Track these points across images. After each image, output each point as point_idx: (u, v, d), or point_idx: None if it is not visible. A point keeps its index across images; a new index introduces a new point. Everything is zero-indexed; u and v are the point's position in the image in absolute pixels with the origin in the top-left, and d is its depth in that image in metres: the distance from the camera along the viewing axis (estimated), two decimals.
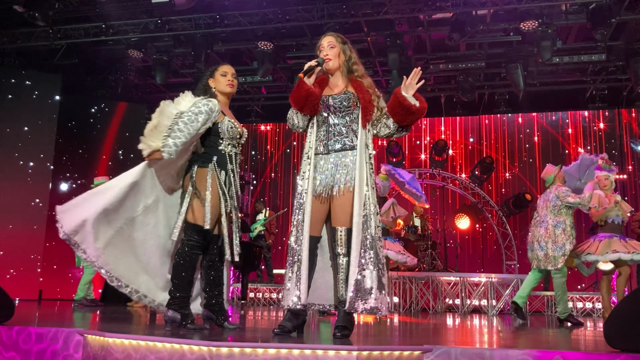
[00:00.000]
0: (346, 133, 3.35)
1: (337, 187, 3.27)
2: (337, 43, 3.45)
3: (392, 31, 10.03)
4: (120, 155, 12.03)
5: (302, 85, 3.33)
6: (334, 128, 3.38)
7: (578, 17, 9.36)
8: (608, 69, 11.21)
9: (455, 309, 9.60)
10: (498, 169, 12.46)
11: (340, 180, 3.28)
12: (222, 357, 2.50)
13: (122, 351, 2.73)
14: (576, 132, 12.27)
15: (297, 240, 3.25)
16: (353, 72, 3.45)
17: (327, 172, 3.31)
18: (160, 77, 10.88)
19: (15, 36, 10.44)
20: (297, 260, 3.23)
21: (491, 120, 12.77)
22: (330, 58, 3.42)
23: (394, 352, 2.52)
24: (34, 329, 3.14)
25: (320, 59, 3.43)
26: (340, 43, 3.46)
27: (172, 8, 8.97)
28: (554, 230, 6.42)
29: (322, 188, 3.30)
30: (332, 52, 3.43)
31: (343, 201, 3.25)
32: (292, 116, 3.44)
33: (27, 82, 10.79)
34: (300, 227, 3.26)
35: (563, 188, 6.57)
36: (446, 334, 4.15)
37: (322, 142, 3.38)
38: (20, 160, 10.45)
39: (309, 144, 3.41)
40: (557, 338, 4.03)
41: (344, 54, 3.45)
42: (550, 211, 6.54)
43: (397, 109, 3.36)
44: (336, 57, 3.44)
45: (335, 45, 3.44)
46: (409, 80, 3.32)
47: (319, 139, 3.40)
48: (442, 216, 12.20)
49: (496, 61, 11.17)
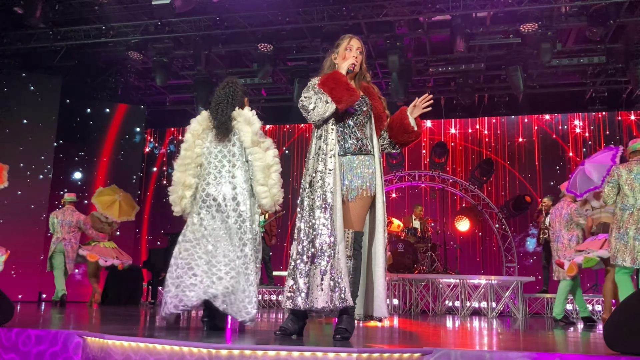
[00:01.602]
0: (361, 137, 3.36)
1: (355, 190, 3.24)
2: (363, 49, 3.50)
3: (392, 33, 10.04)
4: (120, 157, 12.04)
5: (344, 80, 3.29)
6: (349, 129, 3.37)
7: (578, 19, 9.37)
8: (608, 71, 11.22)
9: (455, 311, 9.59)
10: (498, 171, 12.46)
11: (359, 183, 3.24)
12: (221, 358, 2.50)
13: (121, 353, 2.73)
14: (576, 134, 12.27)
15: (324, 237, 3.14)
16: (364, 78, 3.52)
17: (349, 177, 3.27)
18: (160, 78, 10.88)
19: (15, 38, 10.44)
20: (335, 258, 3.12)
21: (491, 122, 12.78)
22: (356, 63, 3.43)
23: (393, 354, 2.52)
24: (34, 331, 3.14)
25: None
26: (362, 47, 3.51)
27: (172, 10, 8.98)
28: (568, 244, 6.98)
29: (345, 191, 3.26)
30: (360, 58, 3.46)
31: (358, 205, 3.23)
32: (325, 109, 3.25)
33: (27, 84, 10.80)
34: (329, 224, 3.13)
35: (573, 206, 7.00)
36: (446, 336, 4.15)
37: (339, 143, 3.34)
38: (21, 162, 10.45)
39: (331, 143, 3.29)
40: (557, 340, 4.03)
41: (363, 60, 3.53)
42: (564, 227, 7.10)
43: (396, 124, 3.49)
44: (360, 62, 3.48)
45: (363, 52, 3.49)
46: (418, 102, 3.45)
47: (336, 138, 3.33)
48: (442, 218, 12.19)
49: (496, 63, 11.17)
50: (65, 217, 8.43)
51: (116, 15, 9.97)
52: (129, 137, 12.20)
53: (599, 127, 12.14)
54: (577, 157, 12.11)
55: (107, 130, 11.94)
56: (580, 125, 12.29)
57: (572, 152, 12.19)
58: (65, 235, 8.41)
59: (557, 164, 12.26)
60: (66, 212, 8.49)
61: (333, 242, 3.09)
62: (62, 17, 9.85)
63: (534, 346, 3.25)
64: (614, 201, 5.58)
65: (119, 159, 11.99)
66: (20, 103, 10.67)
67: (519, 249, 11.90)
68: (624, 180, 5.43)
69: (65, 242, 8.36)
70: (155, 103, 13.51)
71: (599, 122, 12.17)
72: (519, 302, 9.16)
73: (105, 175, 11.78)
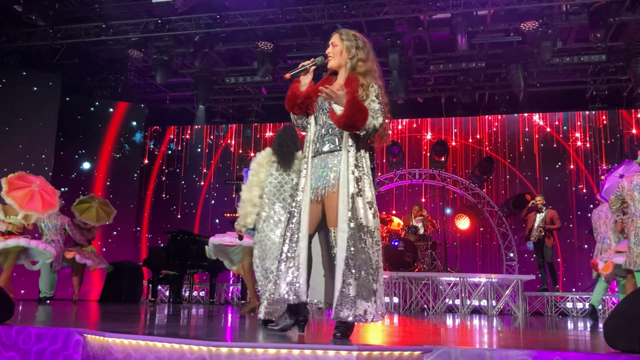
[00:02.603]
0: (331, 134, 3.28)
1: (326, 189, 3.23)
2: (340, 41, 3.37)
3: (393, 31, 10.03)
4: (120, 155, 12.04)
5: (291, 86, 3.38)
6: (321, 128, 3.33)
7: (578, 17, 9.37)
8: (608, 69, 11.22)
9: (455, 309, 9.60)
10: (498, 170, 12.46)
11: (327, 182, 3.23)
12: (221, 356, 2.50)
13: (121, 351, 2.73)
14: (576, 132, 12.26)
15: (294, 237, 3.22)
16: (356, 69, 3.34)
17: (317, 174, 3.27)
18: (160, 77, 10.88)
19: (15, 36, 10.44)
20: (293, 257, 3.19)
21: (491, 120, 12.77)
22: (331, 57, 3.38)
23: (394, 352, 2.52)
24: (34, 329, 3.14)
25: (320, 57, 3.40)
26: (345, 40, 3.37)
27: (173, 8, 8.98)
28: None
29: (315, 189, 3.26)
30: (333, 51, 3.37)
31: (331, 203, 3.21)
32: (291, 115, 3.47)
33: (28, 82, 10.80)
34: (297, 225, 3.22)
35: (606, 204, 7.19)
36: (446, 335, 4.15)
37: (314, 142, 3.34)
38: (21, 161, 10.45)
39: (306, 144, 3.37)
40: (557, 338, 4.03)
41: (347, 52, 3.35)
42: (610, 228, 7.37)
43: None
44: (338, 56, 3.36)
45: (338, 44, 3.37)
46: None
47: (312, 141, 3.35)
48: (442, 216, 12.18)
49: (496, 62, 11.17)
50: (50, 220, 8.46)
51: (116, 13, 9.97)
52: (129, 135, 12.20)
53: (600, 125, 12.12)
54: (577, 155, 12.11)
55: (107, 129, 11.94)
56: (580, 123, 12.27)
57: (572, 151, 12.18)
58: (53, 237, 8.49)
59: (557, 163, 12.25)
60: (51, 215, 8.43)
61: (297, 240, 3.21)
62: (62, 15, 9.84)
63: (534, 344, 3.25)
64: (616, 208, 6.15)
65: (119, 157, 11.99)
66: (20, 101, 10.67)
67: (519, 247, 11.89)
68: (626, 192, 5.89)
69: (55, 243, 8.44)
70: (155, 101, 13.51)
71: (600, 120, 12.15)
72: (519, 301, 9.17)
73: (105, 173, 11.78)
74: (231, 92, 13.20)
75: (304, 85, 3.39)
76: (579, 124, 12.26)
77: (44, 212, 7.53)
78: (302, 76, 3.39)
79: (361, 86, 3.24)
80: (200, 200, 13.18)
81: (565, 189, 12.04)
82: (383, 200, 12.84)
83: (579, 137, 12.22)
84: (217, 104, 13.46)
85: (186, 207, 13.53)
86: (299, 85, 3.40)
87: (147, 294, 10.16)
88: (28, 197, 7.33)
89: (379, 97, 3.26)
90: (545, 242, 9.90)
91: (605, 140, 12.01)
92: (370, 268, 3.08)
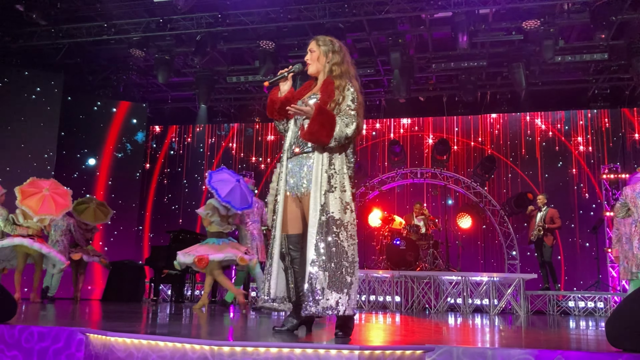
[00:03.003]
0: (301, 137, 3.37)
1: (303, 189, 3.32)
2: (316, 47, 3.48)
3: (394, 30, 10.03)
4: (122, 154, 12.05)
5: (270, 94, 3.50)
6: (298, 131, 3.39)
7: (580, 16, 9.35)
8: (610, 68, 11.20)
9: (456, 308, 9.60)
10: (500, 169, 12.45)
11: (303, 183, 3.32)
12: (224, 356, 2.51)
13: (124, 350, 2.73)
14: (578, 131, 12.25)
15: (273, 237, 3.37)
16: (332, 73, 3.42)
17: (295, 174, 3.36)
18: (162, 76, 10.89)
19: (17, 35, 10.45)
20: (269, 257, 3.37)
21: (493, 119, 12.76)
22: (309, 63, 3.49)
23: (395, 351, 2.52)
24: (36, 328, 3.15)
25: (298, 64, 3.52)
26: (322, 46, 3.47)
27: (174, 7, 8.99)
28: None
29: (293, 188, 3.36)
30: (311, 57, 3.49)
31: (306, 204, 3.30)
32: (274, 122, 3.62)
33: (30, 82, 10.81)
34: (274, 225, 3.38)
35: None
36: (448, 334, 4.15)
37: (291, 145, 3.43)
38: (23, 160, 10.47)
39: (285, 146, 3.50)
40: (559, 337, 4.03)
41: (324, 57, 3.45)
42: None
43: None
44: (315, 61, 3.47)
45: (315, 50, 3.48)
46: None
47: (289, 142, 3.45)
48: (444, 215, 12.18)
49: (498, 60, 11.16)
50: (57, 221, 8.47)
51: (118, 12, 9.99)
52: (131, 134, 12.22)
53: (602, 124, 12.11)
54: (579, 154, 12.09)
55: (109, 128, 11.96)
56: (582, 122, 12.25)
57: (574, 149, 12.17)
58: (58, 238, 8.59)
59: (559, 161, 12.24)
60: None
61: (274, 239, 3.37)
62: (64, 14, 9.86)
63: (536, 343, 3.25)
64: (622, 216, 6.48)
65: (121, 156, 12.00)
66: (22, 101, 10.69)
67: (521, 246, 11.88)
68: (629, 199, 6.13)
69: (59, 244, 8.51)
70: (157, 100, 13.53)
71: (602, 119, 12.14)
72: (520, 300, 9.17)
73: (107, 172, 11.80)
74: (233, 92, 13.21)
75: (283, 92, 3.49)
76: (581, 122, 12.25)
77: (58, 213, 7.78)
78: (281, 83, 3.49)
79: (337, 88, 3.33)
80: (202, 199, 13.19)
81: (567, 187, 12.03)
82: (385, 199, 12.85)
83: (580, 136, 12.20)
84: (219, 103, 13.48)
85: (188, 206, 13.55)
86: (278, 92, 3.50)
87: (149, 293, 10.17)
88: (41, 203, 7.62)
89: (355, 102, 3.33)
90: (545, 241, 9.89)
91: (607, 138, 12.00)
92: (345, 261, 3.15)
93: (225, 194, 6.69)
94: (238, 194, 6.84)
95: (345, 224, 3.20)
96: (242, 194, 6.90)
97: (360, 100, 3.39)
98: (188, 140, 14.00)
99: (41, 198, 7.69)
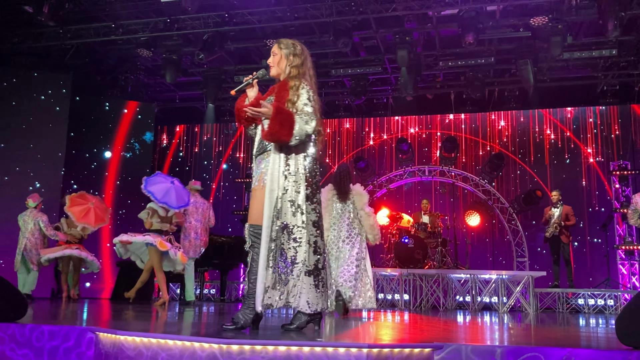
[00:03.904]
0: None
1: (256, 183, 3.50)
2: (278, 50, 3.57)
3: (401, 28, 10.01)
4: (131, 154, 12.10)
5: (236, 102, 3.62)
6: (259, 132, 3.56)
7: (588, 12, 9.28)
8: (619, 64, 11.11)
9: (465, 306, 9.58)
10: (508, 166, 12.39)
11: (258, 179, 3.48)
12: (232, 354, 2.52)
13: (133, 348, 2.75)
14: (587, 128, 12.17)
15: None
16: (290, 74, 3.54)
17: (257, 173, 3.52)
18: (169, 76, 10.93)
19: (25, 36, 10.51)
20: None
21: (501, 116, 12.71)
22: (272, 66, 3.60)
23: (404, 349, 2.52)
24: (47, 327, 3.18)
25: (261, 70, 3.63)
26: (284, 49, 3.56)
27: (181, 7, 9.01)
28: None
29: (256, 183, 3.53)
30: (273, 60, 3.59)
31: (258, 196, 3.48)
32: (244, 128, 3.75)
33: (38, 82, 10.88)
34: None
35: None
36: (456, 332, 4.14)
37: (256, 145, 3.59)
38: (32, 160, 10.54)
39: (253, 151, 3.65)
40: (568, 335, 4.01)
41: (286, 59, 3.55)
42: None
43: None
44: (277, 65, 3.58)
45: (277, 53, 3.57)
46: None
47: (256, 143, 3.61)
48: (452, 213, 12.15)
49: (506, 57, 11.11)
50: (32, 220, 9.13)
51: (125, 13, 10.03)
52: (140, 134, 12.26)
53: (611, 120, 12.02)
54: (588, 151, 12.02)
55: (118, 128, 12.01)
56: (592, 119, 12.17)
57: (582, 146, 12.09)
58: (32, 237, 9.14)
59: (568, 158, 12.17)
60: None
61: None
62: (72, 15, 9.91)
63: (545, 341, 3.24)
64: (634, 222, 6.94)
65: (129, 156, 12.05)
66: (31, 101, 10.76)
67: (530, 244, 11.84)
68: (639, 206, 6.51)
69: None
70: (165, 100, 13.57)
71: (611, 115, 12.05)
72: (530, 297, 9.13)
73: (115, 172, 11.85)
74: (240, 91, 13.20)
75: (251, 98, 3.58)
76: (590, 120, 12.17)
77: (95, 225, 8.96)
78: (248, 90, 3.60)
79: (291, 88, 3.44)
80: (210, 199, 13.23)
81: (576, 185, 11.96)
82: (393, 197, 12.83)
83: (589, 133, 12.12)
84: (226, 102, 13.49)
85: None
86: (246, 99, 3.61)
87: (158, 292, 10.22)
88: (84, 212, 8.77)
89: (311, 100, 3.43)
90: (562, 240, 9.83)
91: (616, 135, 11.91)
92: (286, 262, 3.31)
93: (161, 197, 7.37)
94: (174, 194, 7.48)
95: (291, 228, 3.33)
96: (178, 194, 7.55)
97: (317, 99, 3.51)
98: (196, 139, 14.03)
99: (85, 209, 8.80)
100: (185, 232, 8.51)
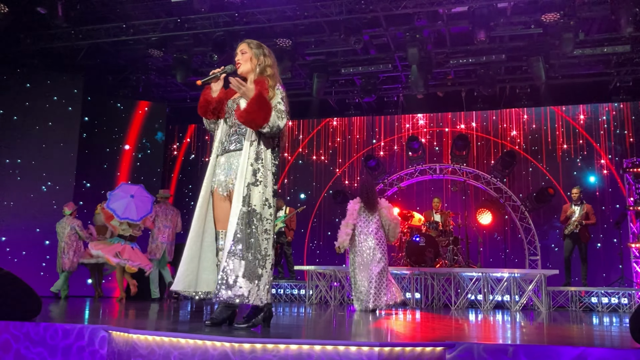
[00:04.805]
0: (238, 134, 3.54)
1: (229, 187, 3.50)
2: (249, 49, 3.66)
3: (411, 25, 9.98)
4: (143, 154, 12.17)
5: (203, 93, 3.66)
6: (228, 130, 3.61)
7: (601, 7, 9.20)
8: (633, 60, 11.00)
9: (477, 304, 9.54)
10: (520, 163, 12.31)
11: (229, 180, 3.49)
12: (244, 353, 2.53)
13: (146, 347, 2.77)
14: (599, 125, 12.06)
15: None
16: (264, 73, 3.60)
17: (225, 170, 3.53)
18: (180, 75, 10.97)
19: (37, 37, 10.60)
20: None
21: (512, 114, 12.63)
22: (240, 63, 3.64)
23: (415, 348, 2.52)
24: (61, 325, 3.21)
25: (229, 65, 3.65)
26: (254, 49, 3.66)
27: (191, 7, 9.05)
28: None
29: (222, 183, 3.53)
30: (242, 58, 3.64)
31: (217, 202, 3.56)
32: (204, 120, 3.78)
33: (50, 83, 10.97)
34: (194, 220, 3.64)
35: None
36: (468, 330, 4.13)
37: (222, 143, 3.61)
38: (45, 161, 10.63)
39: (215, 144, 3.67)
40: (582, 334, 3.99)
41: (256, 59, 3.63)
42: None
43: None
44: (247, 62, 3.63)
45: (247, 51, 3.65)
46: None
47: (220, 140, 3.64)
48: (464, 211, 12.10)
49: (517, 54, 11.03)
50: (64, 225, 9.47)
51: (136, 13, 10.08)
52: (151, 134, 12.33)
53: (624, 117, 11.91)
54: (601, 148, 11.91)
55: (129, 128, 12.08)
56: (605, 116, 12.07)
57: (595, 143, 11.99)
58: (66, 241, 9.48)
59: (580, 156, 12.07)
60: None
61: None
62: (83, 16, 9.97)
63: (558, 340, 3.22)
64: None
65: (141, 156, 12.12)
66: (43, 102, 10.85)
67: (542, 242, 11.76)
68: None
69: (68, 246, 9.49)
70: (176, 100, 13.62)
71: (624, 112, 11.93)
72: (542, 296, 9.07)
73: (127, 172, 11.92)
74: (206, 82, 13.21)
75: (215, 92, 3.66)
76: (603, 118, 12.05)
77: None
78: (213, 83, 3.66)
79: (271, 87, 3.54)
80: None
81: (589, 182, 11.85)
82: (404, 196, 12.80)
83: (602, 130, 12.02)
84: None
85: None
86: (211, 91, 3.67)
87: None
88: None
89: (283, 100, 3.56)
90: (581, 239, 9.74)
91: (630, 132, 11.80)
92: (258, 253, 3.32)
93: (121, 213, 8.01)
94: (134, 207, 8.11)
95: (263, 219, 3.39)
96: (138, 205, 8.16)
97: (287, 102, 3.63)
98: (207, 138, 14.07)
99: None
100: (153, 235, 9.57)
